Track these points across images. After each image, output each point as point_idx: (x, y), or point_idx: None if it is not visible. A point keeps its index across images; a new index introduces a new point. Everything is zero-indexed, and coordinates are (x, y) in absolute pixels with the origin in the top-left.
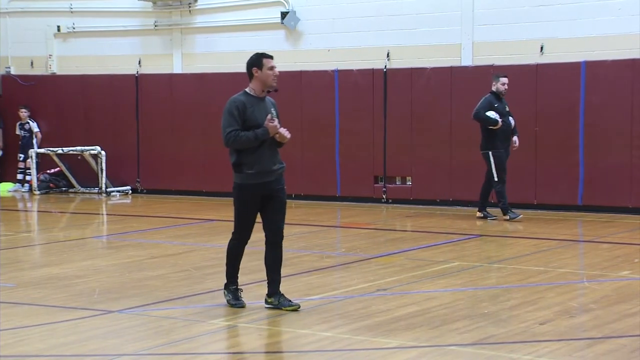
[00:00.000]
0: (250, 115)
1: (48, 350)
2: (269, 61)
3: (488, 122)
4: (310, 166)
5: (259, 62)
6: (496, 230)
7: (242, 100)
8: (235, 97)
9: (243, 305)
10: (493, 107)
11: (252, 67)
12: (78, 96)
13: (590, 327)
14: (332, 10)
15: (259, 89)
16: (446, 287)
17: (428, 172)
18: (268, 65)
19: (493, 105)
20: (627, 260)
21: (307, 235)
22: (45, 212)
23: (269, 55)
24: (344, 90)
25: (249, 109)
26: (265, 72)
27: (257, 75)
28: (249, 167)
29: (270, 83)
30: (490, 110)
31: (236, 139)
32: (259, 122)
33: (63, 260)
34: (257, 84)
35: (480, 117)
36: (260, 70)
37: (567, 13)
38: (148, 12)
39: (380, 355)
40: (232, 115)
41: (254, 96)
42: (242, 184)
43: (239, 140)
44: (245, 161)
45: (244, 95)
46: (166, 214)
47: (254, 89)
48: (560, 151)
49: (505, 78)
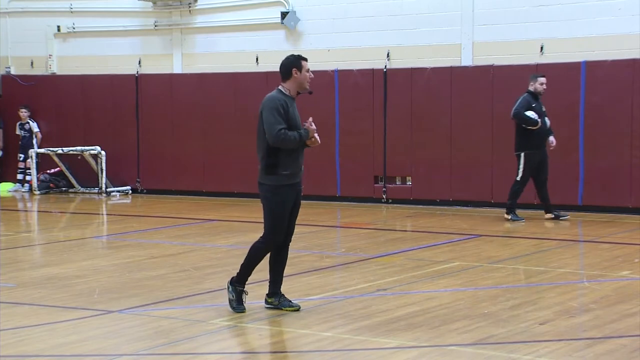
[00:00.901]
0: (291, 115)
1: (48, 350)
2: (306, 64)
3: (528, 122)
4: (310, 166)
5: (299, 64)
6: (496, 230)
7: (283, 99)
8: (276, 96)
9: (243, 310)
10: (531, 107)
11: (292, 68)
12: (78, 96)
13: (590, 327)
14: (332, 10)
15: (293, 90)
16: (446, 287)
17: (428, 172)
18: (306, 67)
19: (531, 105)
20: (627, 260)
21: (307, 235)
22: (45, 212)
23: (305, 57)
24: (344, 90)
25: (290, 109)
26: (303, 74)
27: (297, 76)
28: (285, 168)
29: (306, 86)
30: (528, 110)
31: (286, 137)
32: (297, 122)
33: (63, 260)
34: (293, 85)
35: (520, 117)
36: (299, 72)
37: (567, 13)
38: (148, 12)
39: (380, 355)
40: (278, 113)
41: (289, 96)
42: (277, 185)
43: (288, 139)
44: (282, 162)
45: (280, 93)
46: (166, 214)
47: (289, 90)
48: (560, 151)
49: (543, 78)
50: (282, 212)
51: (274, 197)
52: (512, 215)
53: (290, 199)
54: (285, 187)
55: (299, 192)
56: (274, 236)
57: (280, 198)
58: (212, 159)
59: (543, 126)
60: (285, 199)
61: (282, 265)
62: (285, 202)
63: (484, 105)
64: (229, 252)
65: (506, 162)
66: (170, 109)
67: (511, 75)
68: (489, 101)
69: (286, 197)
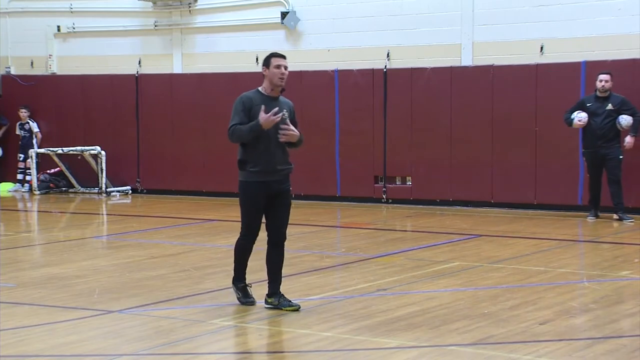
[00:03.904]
0: (256, 113)
1: (48, 350)
2: (277, 60)
3: (566, 122)
4: (310, 166)
5: (268, 60)
6: (496, 230)
7: (249, 97)
8: (245, 93)
9: (253, 302)
10: (584, 107)
11: (263, 66)
12: (78, 96)
13: (590, 327)
14: (332, 10)
15: (268, 88)
16: (446, 287)
17: (428, 172)
18: (275, 63)
19: (585, 105)
20: (627, 260)
21: (307, 235)
22: (45, 212)
23: (280, 54)
24: (344, 90)
25: (256, 106)
26: (272, 71)
27: (265, 73)
28: (253, 165)
29: (276, 82)
30: (580, 110)
31: (235, 131)
32: None
33: (63, 260)
34: (266, 82)
35: (564, 118)
36: (267, 68)
37: (567, 13)
38: (148, 12)
39: (380, 355)
40: (236, 111)
41: (265, 94)
42: (246, 182)
43: (237, 133)
44: (249, 159)
45: (255, 92)
46: (166, 214)
47: (265, 87)
48: (560, 151)
49: (601, 75)
50: (250, 209)
51: (243, 193)
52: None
53: (261, 196)
54: (254, 183)
55: (280, 190)
56: (248, 231)
57: (249, 194)
58: (212, 159)
59: (594, 126)
60: (255, 195)
61: (277, 264)
62: (254, 199)
63: (484, 105)
64: (229, 252)
65: (506, 162)
66: (170, 109)
67: (511, 75)
68: (489, 101)
69: (255, 194)
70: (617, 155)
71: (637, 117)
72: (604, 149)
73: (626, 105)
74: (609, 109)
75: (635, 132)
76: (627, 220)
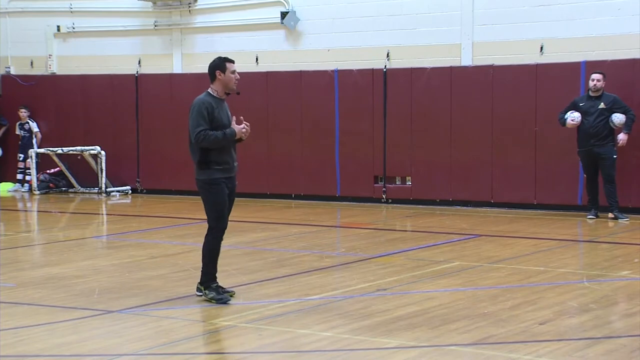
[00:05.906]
0: (216, 116)
1: (48, 350)
2: (231, 65)
3: (560, 122)
4: (310, 166)
5: (223, 65)
6: (496, 230)
7: (208, 101)
8: (203, 99)
9: (230, 296)
10: (577, 107)
11: (216, 70)
12: (78, 96)
13: (590, 327)
14: (332, 10)
15: (221, 91)
16: (446, 287)
17: (428, 172)
18: (231, 69)
19: (577, 105)
20: (627, 260)
21: (307, 235)
22: (45, 212)
23: (231, 59)
24: (344, 90)
25: (215, 110)
26: (228, 76)
27: (220, 78)
28: (218, 163)
29: (232, 86)
30: (573, 110)
31: (206, 137)
32: (223, 122)
33: (63, 260)
34: (219, 86)
35: (558, 118)
36: (223, 73)
37: (567, 13)
38: (148, 12)
39: (380, 355)
40: (201, 116)
41: (216, 97)
42: (212, 179)
43: (209, 139)
44: (214, 159)
45: (207, 95)
46: (166, 214)
47: (217, 91)
48: (560, 151)
49: (594, 74)
50: (221, 201)
51: (212, 189)
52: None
53: (225, 191)
54: (220, 180)
55: (233, 187)
56: (219, 224)
57: (218, 191)
58: None
59: (587, 125)
60: (222, 190)
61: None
62: (221, 193)
63: (483, 105)
64: (229, 252)
65: (506, 162)
66: (170, 109)
67: (511, 75)
68: (488, 101)
69: (222, 189)
70: (611, 155)
71: (629, 114)
72: (598, 147)
73: (618, 104)
74: (602, 108)
75: (628, 129)
76: (623, 219)
